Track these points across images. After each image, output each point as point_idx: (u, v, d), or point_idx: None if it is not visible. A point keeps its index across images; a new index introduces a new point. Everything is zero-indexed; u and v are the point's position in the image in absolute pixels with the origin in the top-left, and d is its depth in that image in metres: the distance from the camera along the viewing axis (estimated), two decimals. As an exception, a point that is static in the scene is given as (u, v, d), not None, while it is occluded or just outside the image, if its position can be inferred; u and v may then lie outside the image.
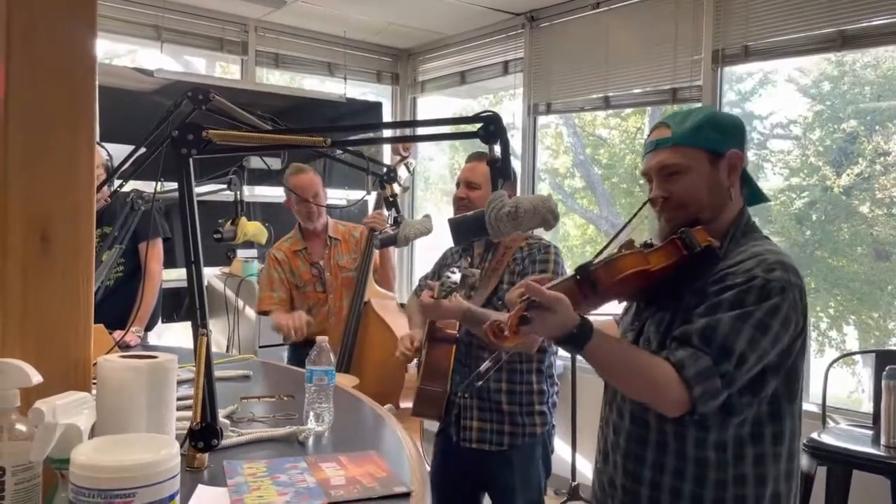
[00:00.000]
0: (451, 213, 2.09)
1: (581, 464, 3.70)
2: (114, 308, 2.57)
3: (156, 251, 2.99)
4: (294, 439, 1.40)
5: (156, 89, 3.91)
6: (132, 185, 2.17)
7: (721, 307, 1.29)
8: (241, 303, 3.85)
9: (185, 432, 1.19)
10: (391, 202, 2.10)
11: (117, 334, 2.01)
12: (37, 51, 0.96)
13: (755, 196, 1.50)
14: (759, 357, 1.27)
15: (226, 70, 4.92)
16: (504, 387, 2.18)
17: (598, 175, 5.62)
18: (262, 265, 3.55)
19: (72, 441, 0.83)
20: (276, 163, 3.52)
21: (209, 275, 4.07)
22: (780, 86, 4.47)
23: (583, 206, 5.73)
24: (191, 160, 1.25)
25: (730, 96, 3.97)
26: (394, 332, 2.81)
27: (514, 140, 4.36)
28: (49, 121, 0.97)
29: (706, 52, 3.45)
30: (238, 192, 2.17)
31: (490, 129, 1.38)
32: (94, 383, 1.02)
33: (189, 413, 1.22)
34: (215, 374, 1.24)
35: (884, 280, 4.11)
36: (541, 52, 4.28)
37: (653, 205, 1.45)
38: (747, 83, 4.51)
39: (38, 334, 0.96)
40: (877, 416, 2.65)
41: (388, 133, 5.11)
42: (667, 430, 1.36)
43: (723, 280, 1.32)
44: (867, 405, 3.24)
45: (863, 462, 2.51)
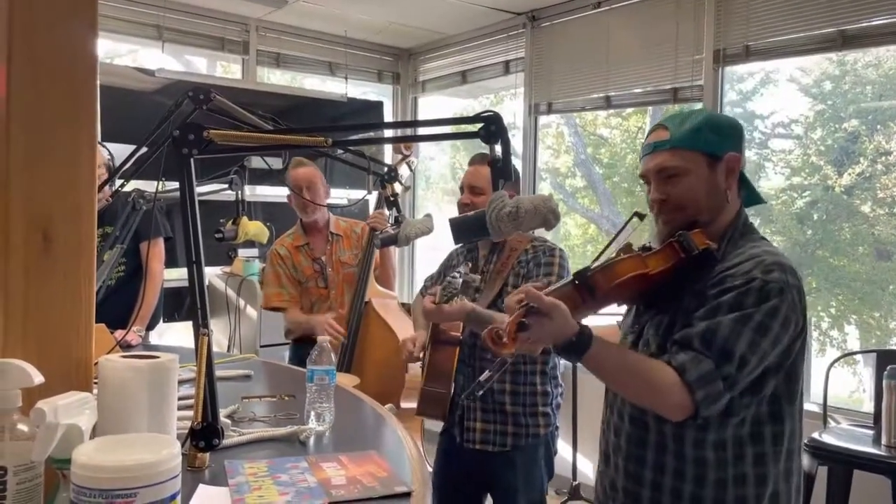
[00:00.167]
0: (452, 213, 2.09)
1: (582, 463, 3.70)
2: (115, 308, 2.57)
3: (157, 251, 2.99)
4: (295, 439, 1.40)
5: (157, 89, 3.91)
6: (133, 185, 2.17)
7: (720, 310, 1.29)
8: (242, 302, 3.85)
9: (187, 432, 1.19)
10: (392, 202, 2.10)
11: (118, 334, 2.01)
12: (38, 50, 0.96)
13: (752, 197, 1.50)
14: (760, 359, 1.27)
15: (227, 70, 4.92)
16: (508, 388, 2.18)
17: (599, 174, 5.62)
18: (264, 263, 3.55)
19: (73, 441, 0.83)
20: (277, 162, 3.52)
21: (210, 274, 4.07)
22: (782, 85, 4.46)
23: (584, 205, 5.73)
24: (192, 160, 1.25)
25: (731, 96, 3.97)
26: (395, 332, 2.81)
27: (515, 140, 4.36)
28: (50, 120, 0.97)
29: (707, 52, 3.45)
30: (239, 192, 2.17)
31: (491, 128, 1.38)
32: (95, 383, 1.03)
33: (190, 413, 1.22)
34: (216, 373, 1.24)
35: (885, 280, 4.10)
36: (542, 52, 4.28)
37: (650, 207, 1.46)
38: (748, 83, 4.51)
39: (40, 334, 0.96)
40: (878, 415, 2.65)
41: (389, 133, 5.11)
42: (665, 432, 1.36)
43: (721, 282, 1.32)
44: (868, 405, 3.23)
45: (864, 462, 2.51)
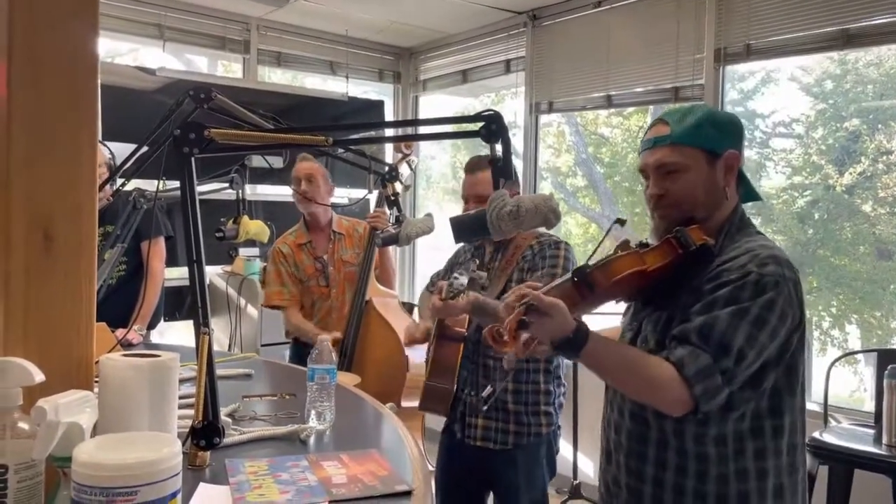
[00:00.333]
0: (452, 213, 2.09)
1: (583, 462, 3.70)
2: (116, 306, 2.57)
3: (158, 250, 2.99)
4: (296, 438, 1.40)
5: (158, 88, 3.91)
6: (134, 184, 2.18)
7: (717, 304, 1.29)
8: (242, 301, 3.86)
9: (187, 431, 1.19)
10: (393, 201, 2.10)
11: (119, 333, 2.02)
12: (39, 49, 0.96)
13: (748, 194, 1.50)
14: (758, 352, 1.27)
15: (228, 69, 4.92)
16: (510, 386, 2.18)
17: (600, 174, 5.62)
18: (265, 262, 3.55)
19: (74, 439, 0.83)
20: (277, 161, 3.52)
21: (211, 273, 4.08)
22: (783, 84, 4.46)
23: (585, 204, 5.73)
24: (193, 159, 1.25)
25: (732, 95, 3.97)
26: (395, 331, 2.81)
27: (516, 139, 4.36)
28: (51, 119, 0.97)
29: (708, 51, 3.45)
30: (240, 191, 2.18)
31: (491, 127, 1.38)
32: (96, 382, 1.03)
33: (191, 411, 1.22)
34: (217, 372, 1.24)
35: (886, 279, 4.10)
36: (543, 51, 4.28)
37: (647, 202, 1.46)
38: (749, 82, 4.51)
39: (41, 333, 0.96)
40: (878, 415, 2.65)
41: (389, 132, 5.11)
42: (666, 428, 1.36)
43: (718, 277, 1.32)
44: (869, 404, 3.23)
45: (864, 461, 2.51)
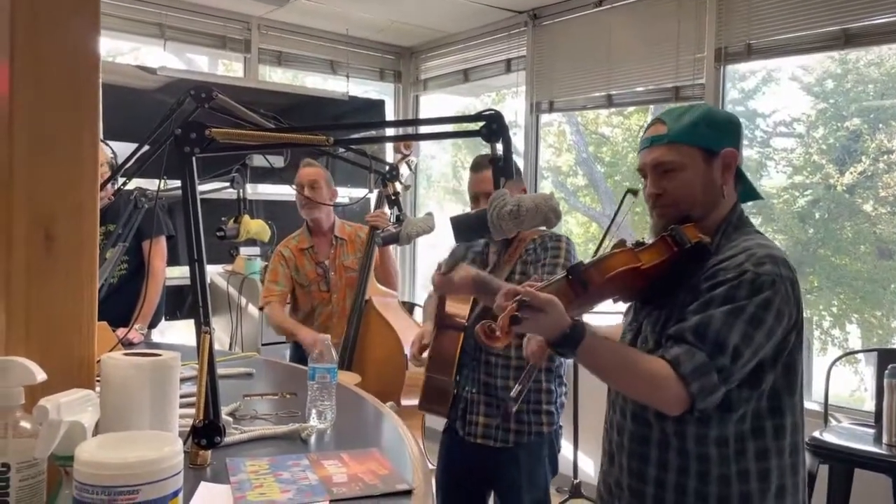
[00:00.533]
0: (453, 212, 2.08)
1: (583, 461, 3.70)
2: (117, 306, 2.57)
3: (159, 249, 3.00)
4: (296, 437, 1.40)
5: (159, 87, 3.91)
6: (135, 183, 2.18)
7: (713, 303, 1.29)
8: (243, 300, 3.86)
9: (188, 429, 1.20)
10: (393, 200, 2.10)
11: (121, 332, 2.02)
12: (40, 49, 0.96)
13: (748, 193, 1.50)
14: (754, 351, 1.27)
15: (229, 68, 4.92)
16: (512, 384, 2.18)
17: (600, 173, 5.62)
18: (266, 262, 3.56)
19: (76, 438, 0.83)
20: (278, 161, 3.53)
21: (212, 272, 4.08)
22: (784, 84, 4.46)
23: (585, 204, 5.73)
24: (194, 158, 1.25)
25: (733, 94, 3.97)
26: (395, 330, 2.82)
27: (517, 138, 4.36)
28: (52, 119, 0.97)
29: (709, 51, 3.45)
30: (241, 190, 2.18)
31: (492, 127, 1.38)
32: (97, 381, 1.03)
33: (192, 410, 1.22)
34: (218, 371, 1.25)
35: (887, 279, 4.10)
36: (543, 50, 4.28)
37: (646, 201, 1.46)
38: (750, 81, 4.51)
39: (42, 332, 0.96)
40: (879, 414, 2.65)
41: (390, 131, 5.11)
42: (667, 429, 1.36)
43: (714, 276, 1.32)
44: (869, 404, 3.23)
45: (864, 460, 2.51)
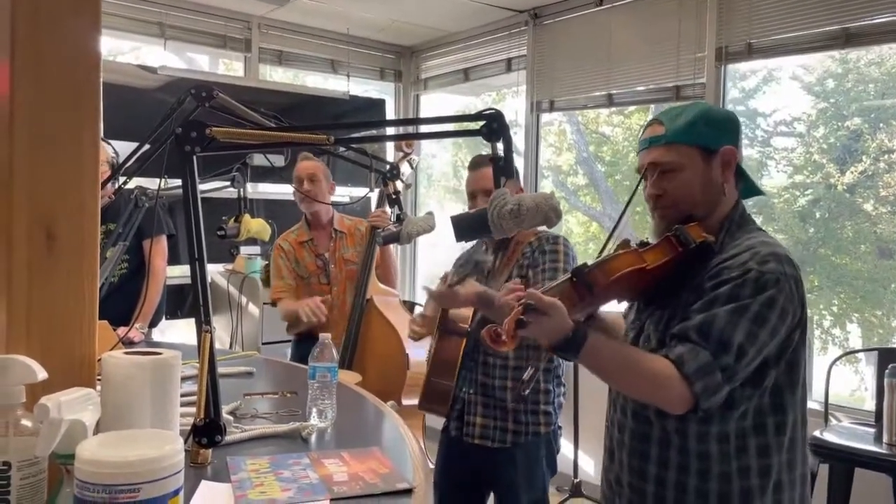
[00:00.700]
0: (454, 211, 2.08)
1: (584, 461, 3.70)
2: (118, 305, 2.57)
3: (160, 248, 3.00)
4: (297, 435, 1.41)
5: (159, 86, 3.91)
6: (136, 182, 2.18)
7: (717, 302, 1.29)
8: (244, 299, 3.86)
9: (189, 428, 1.20)
10: (394, 199, 2.09)
11: (121, 331, 2.02)
12: (41, 48, 0.96)
13: (750, 190, 1.49)
14: (758, 350, 1.27)
15: (229, 67, 4.92)
16: (509, 384, 2.18)
17: (601, 172, 5.62)
18: (266, 261, 3.56)
19: (77, 436, 0.84)
20: (279, 160, 3.53)
21: (213, 271, 4.08)
22: (784, 83, 4.46)
23: (586, 203, 5.73)
24: (194, 157, 1.25)
25: (733, 94, 3.97)
26: (396, 329, 2.82)
27: (518, 137, 4.36)
28: (53, 118, 0.97)
29: (709, 50, 3.44)
30: (241, 189, 2.18)
31: (493, 126, 1.38)
32: (98, 379, 1.03)
33: (193, 409, 1.23)
34: (218, 370, 1.25)
35: (887, 278, 4.10)
36: (544, 50, 4.28)
37: (647, 201, 1.46)
38: (751, 80, 4.50)
39: (43, 331, 0.96)
40: (879, 414, 2.65)
41: (391, 130, 5.11)
42: (668, 427, 1.36)
43: (718, 275, 1.32)
44: (870, 403, 3.23)
45: (865, 460, 2.51)
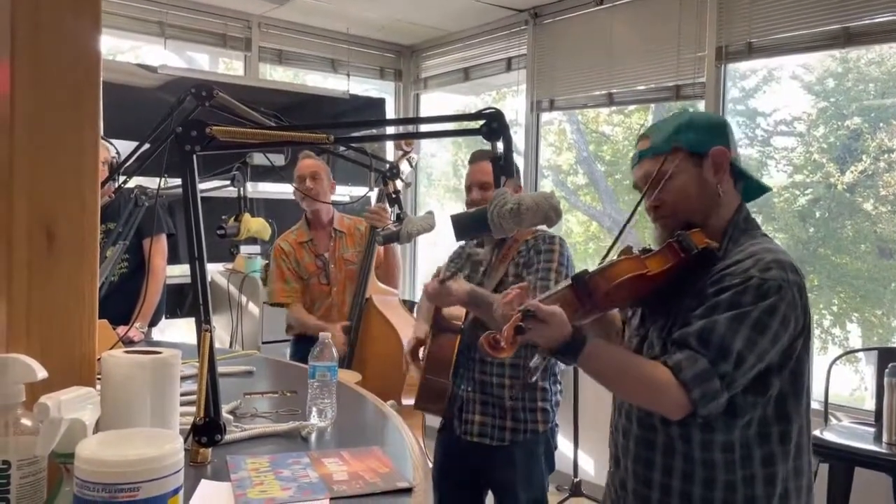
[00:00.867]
0: (453, 210, 2.08)
1: (583, 460, 3.70)
2: (118, 304, 2.58)
3: (160, 247, 3.00)
4: (297, 435, 1.41)
5: (159, 85, 3.91)
6: (136, 181, 2.18)
7: (718, 308, 1.28)
8: (244, 299, 3.86)
9: (189, 427, 1.20)
10: (394, 198, 2.09)
11: (121, 330, 2.03)
12: (41, 48, 0.96)
13: (753, 190, 1.48)
14: (758, 357, 1.26)
15: (229, 66, 4.92)
16: (507, 382, 2.18)
17: (601, 172, 5.62)
18: (266, 260, 3.55)
19: (76, 436, 0.83)
20: (279, 159, 3.52)
21: (213, 271, 4.08)
22: (784, 83, 4.46)
23: (586, 202, 5.72)
24: (194, 156, 1.25)
25: (733, 93, 3.97)
26: (395, 329, 2.82)
27: (518, 137, 4.36)
28: (54, 118, 0.97)
29: (710, 49, 3.44)
30: (241, 189, 2.18)
31: (493, 125, 1.38)
32: (98, 379, 1.03)
33: (192, 408, 1.23)
34: (218, 369, 1.25)
35: (887, 278, 4.10)
36: (544, 49, 4.28)
37: (647, 213, 1.46)
38: (751, 80, 4.50)
39: (43, 330, 0.96)
40: (879, 413, 2.65)
41: (390, 129, 5.10)
42: (673, 434, 1.35)
43: (720, 281, 1.31)
44: (869, 403, 3.23)
45: (865, 459, 2.51)
